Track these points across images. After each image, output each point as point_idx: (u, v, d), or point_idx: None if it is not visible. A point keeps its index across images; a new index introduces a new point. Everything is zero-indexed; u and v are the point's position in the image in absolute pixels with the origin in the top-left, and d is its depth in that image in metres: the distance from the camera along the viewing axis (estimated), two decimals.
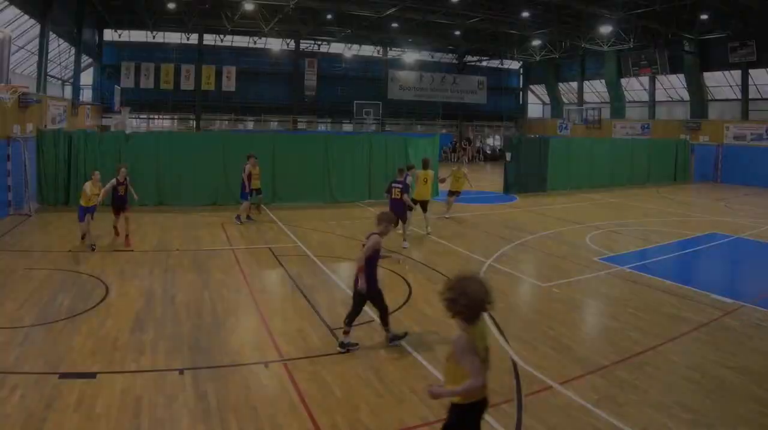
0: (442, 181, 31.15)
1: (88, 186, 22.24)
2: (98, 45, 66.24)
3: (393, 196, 23.73)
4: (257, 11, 58.81)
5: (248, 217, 29.18)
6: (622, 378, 12.21)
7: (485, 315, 7.11)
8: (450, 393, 7.07)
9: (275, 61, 74.94)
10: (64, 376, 11.56)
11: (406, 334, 13.87)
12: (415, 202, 25.67)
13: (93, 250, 22.19)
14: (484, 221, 30.42)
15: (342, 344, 13.26)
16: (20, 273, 18.92)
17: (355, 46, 78.18)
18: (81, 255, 21.48)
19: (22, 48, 43.33)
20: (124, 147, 32.59)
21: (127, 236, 23.61)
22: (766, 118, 56.82)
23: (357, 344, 13.44)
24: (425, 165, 27.21)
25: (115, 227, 24.64)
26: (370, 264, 13.32)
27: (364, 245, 13.48)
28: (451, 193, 31.80)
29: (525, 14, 56.57)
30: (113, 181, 23.34)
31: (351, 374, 12.16)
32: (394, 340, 13.62)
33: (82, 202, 22.13)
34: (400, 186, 23.75)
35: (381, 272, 20.59)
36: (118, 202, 23.88)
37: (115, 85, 63.04)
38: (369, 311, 14.84)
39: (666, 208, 38.27)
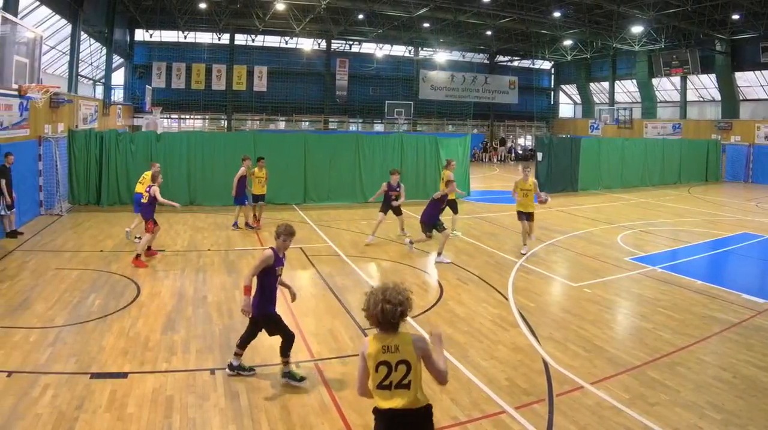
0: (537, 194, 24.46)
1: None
2: (129, 45, 66.91)
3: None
4: (289, 11, 59.07)
5: (246, 224, 27.48)
6: (654, 378, 12.15)
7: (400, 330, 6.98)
8: None
9: (307, 61, 75.24)
10: (95, 376, 11.63)
11: (303, 379, 11.76)
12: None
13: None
14: (515, 221, 30.14)
15: (231, 366, 12.02)
16: (51, 273, 19.05)
17: (387, 46, 78.45)
18: (112, 255, 21.59)
19: (54, 48, 43.69)
20: (155, 147, 32.84)
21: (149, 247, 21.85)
22: None
23: (252, 370, 12.14)
24: (447, 165, 27.95)
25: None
26: (263, 283, 11.84)
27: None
28: (522, 215, 24.04)
29: (556, 14, 56.53)
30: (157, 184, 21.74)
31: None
32: (287, 376, 11.75)
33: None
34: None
35: (414, 273, 20.58)
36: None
37: (147, 85, 63.54)
38: None
39: (697, 208, 38.07)
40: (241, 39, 72.83)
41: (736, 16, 53.43)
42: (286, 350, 11.79)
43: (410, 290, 7.09)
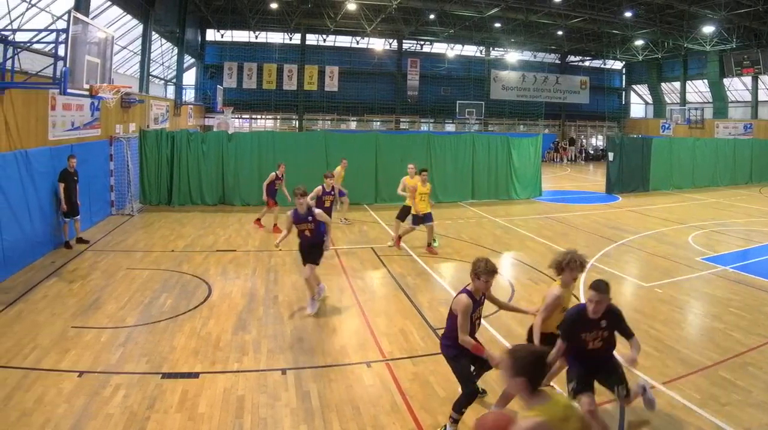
0: None
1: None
2: (201, 45, 67.79)
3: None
4: (360, 11, 59.29)
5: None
6: (725, 378, 12.11)
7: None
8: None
9: (378, 61, 75.35)
10: (166, 376, 11.78)
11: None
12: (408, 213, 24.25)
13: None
14: (586, 221, 30.17)
15: None
16: (122, 273, 19.33)
17: (458, 46, 78.14)
18: (183, 255, 21.85)
19: (125, 48, 44.19)
20: (227, 147, 33.13)
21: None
22: None
23: None
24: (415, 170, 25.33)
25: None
26: (453, 326, 10.09)
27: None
28: None
29: (627, 14, 55.99)
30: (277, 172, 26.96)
31: (453, 375, 12.03)
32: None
33: None
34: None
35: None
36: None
37: (218, 85, 64.02)
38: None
39: None
40: (312, 39, 73.24)
41: None
42: (458, 405, 10.05)
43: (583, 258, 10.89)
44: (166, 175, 32.64)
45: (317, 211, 16.00)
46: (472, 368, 10.40)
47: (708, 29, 57.76)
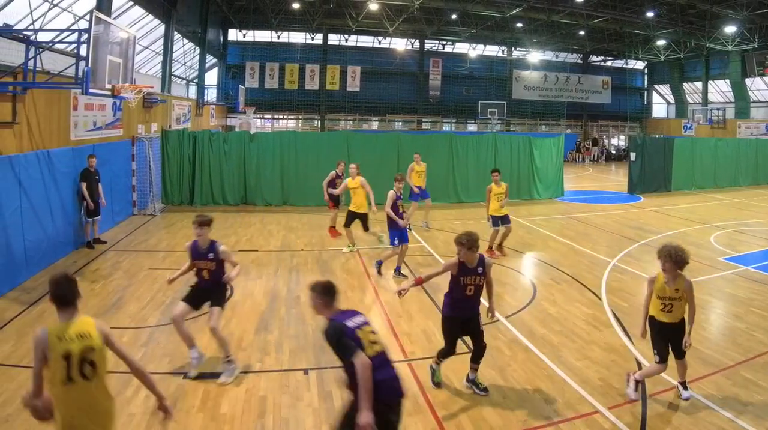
0: None
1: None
2: (223, 45, 67.97)
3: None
4: (382, 11, 59.34)
5: (398, 271, 19.93)
6: (747, 378, 12.09)
7: None
8: None
9: (400, 61, 75.28)
10: (188, 376, 11.79)
11: (486, 390, 11.41)
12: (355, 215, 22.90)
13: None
14: (608, 221, 30.12)
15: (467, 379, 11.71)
16: (144, 273, 19.43)
17: (480, 46, 77.99)
18: None
19: (147, 48, 44.35)
20: (249, 147, 33.18)
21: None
22: None
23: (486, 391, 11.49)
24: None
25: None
26: (451, 288, 11.72)
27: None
28: None
29: (649, 14, 55.88)
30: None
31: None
32: (473, 385, 11.51)
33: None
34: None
35: (507, 273, 20.32)
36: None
37: (240, 85, 64.40)
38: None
39: None
40: (334, 39, 73.26)
41: None
42: (439, 354, 11.85)
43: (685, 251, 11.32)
44: (188, 175, 32.77)
45: (222, 248, 12.20)
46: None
47: (730, 29, 57.47)
